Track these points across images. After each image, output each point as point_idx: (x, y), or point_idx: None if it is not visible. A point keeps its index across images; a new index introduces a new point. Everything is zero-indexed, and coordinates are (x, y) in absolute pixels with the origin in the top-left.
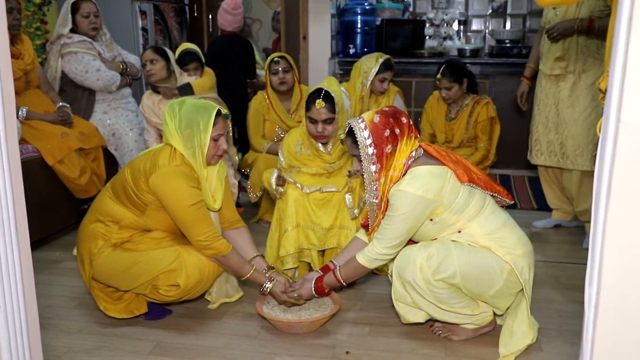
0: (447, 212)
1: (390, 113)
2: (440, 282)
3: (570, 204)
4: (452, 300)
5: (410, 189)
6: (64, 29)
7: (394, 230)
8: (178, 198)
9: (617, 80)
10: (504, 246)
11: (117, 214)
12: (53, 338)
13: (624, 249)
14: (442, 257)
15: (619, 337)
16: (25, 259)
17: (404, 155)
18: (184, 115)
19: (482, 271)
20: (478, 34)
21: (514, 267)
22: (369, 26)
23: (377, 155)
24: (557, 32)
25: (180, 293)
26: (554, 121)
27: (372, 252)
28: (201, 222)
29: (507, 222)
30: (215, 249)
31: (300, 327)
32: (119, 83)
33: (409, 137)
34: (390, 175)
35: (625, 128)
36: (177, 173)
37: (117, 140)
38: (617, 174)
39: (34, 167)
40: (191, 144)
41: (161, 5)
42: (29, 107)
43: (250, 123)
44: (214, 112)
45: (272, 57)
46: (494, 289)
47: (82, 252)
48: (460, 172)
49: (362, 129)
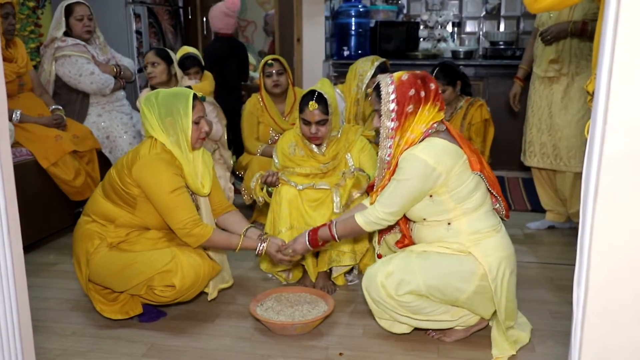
0: (448, 195)
1: (421, 75)
2: (407, 296)
3: (563, 206)
4: (425, 310)
5: (423, 155)
6: (57, 32)
7: (397, 195)
8: (158, 185)
9: (604, 83)
10: (484, 248)
11: (110, 213)
12: (47, 341)
13: (611, 250)
14: (402, 272)
15: (607, 337)
16: (18, 261)
17: (424, 120)
18: (163, 104)
19: (447, 280)
20: (472, 35)
21: (487, 271)
22: (363, 28)
23: (397, 112)
24: (550, 35)
25: (175, 294)
26: (547, 123)
27: (372, 214)
28: (180, 209)
29: (496, 226)
30: (196, 235)
31: (294, 328)
32: (112, 86)
33: (434, 104)
34: (406, 137)
35: (612, 130)
36: (157, 160)
37: (112, 143)
38: (605, 176)
39: (29, 170)
40: (174, 131)
41: (155, 8)
42: (23, 110)
43: (245, 125)
44: (190, 96)
45: (266, 59)
46: (464, 295)
47: (79, 253)
48: (474, 160)
49: (389, 84)
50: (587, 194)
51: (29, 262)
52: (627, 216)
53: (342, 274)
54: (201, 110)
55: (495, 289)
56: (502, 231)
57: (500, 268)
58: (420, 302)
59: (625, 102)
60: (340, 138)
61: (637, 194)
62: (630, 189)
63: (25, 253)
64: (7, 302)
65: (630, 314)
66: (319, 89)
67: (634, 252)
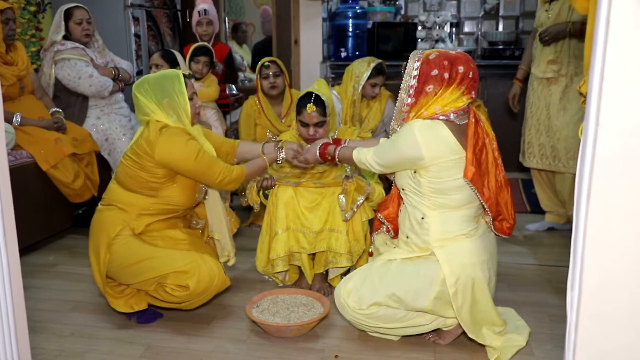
0: (427, 180)
1: (451, 57)
2: (372, 307)
3: (563, 207)
4: (396, 316)
5: (417, 131)
6: (57, 35)
7: (387, 152)
8: (184, 156)
9: (596, 85)
10: (448, 252)
11: (130, 200)
12: (45, 341)
13: (604, 252)
14: (359, 289)
15: (601, 340)
16: (14, 262)
17: (442, 102)
18: (157, 88)
19: (405, 291)
20: (470, 36)
21: (445, 276)
22: (360, 29)
23: (415, 89)
24: (549, 36)
25: (187, 295)
26: (545, 124)
27: (364, 155)
28: (212, 165)
29: (471, 231)
30: (235, 178)
31: (290, 330)
32: (111, 88)
33: (458, 88)
34: (420, 113)
35: (605, 132)
36: (173, 135)
37: (110, 145)
38: (597, 177)
39: (29, 172)
40: (174, 111)
41: (154, 11)
42: (23, 112)
43: (242, 127)
44: (180, 74)
45: (263, 61)
46: (424, 303)
47: (97, 241)
48: (470, 169)
49: (416, 60)
50: (580, 195)
51: (29, 264)
52: (620, 218)
53: (339, 276)
54: (192, 87)
55: (454, 294)
56: (477, 236)
57: (463, 274)
58: (387, 311)
59: (618, 104)
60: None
61: (630, 196)
62: (623, 190)
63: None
64: (3, 303)
65: (624, 316)
66: (316, 90)
67: (628, 254)
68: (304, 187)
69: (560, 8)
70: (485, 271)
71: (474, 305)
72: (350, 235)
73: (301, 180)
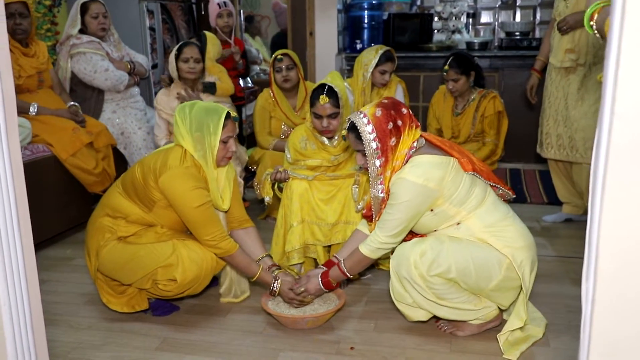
0: (448, 203)
1: (390, 105)
2: (436, 278)
3: (580, 198)
4: (451, 295)
5: (411, 177)
6: (73, 29)
7: (395, 219)
8: (186, 199)
9: (611, 73)
10: (503, 239)
11: (125, 209)
12: (63, 334)
13: (619, 242)
14: (435, 252)
15: (616, 330)
16: (29, 255)
17: (406, 145)
18: (195, 118)
19: (479, 265)
20: (487, 26)
21: (512, 261)
22: (375, 21)
23: (381, 149)
24: (567, 25)
25: (178, 287)
26: (563, 114)
27: (375, 241)
28: (209, 223)
29: (508, 215)
30: (222, 248)
31: (305, 322)
32: (126, 82)
33: (411, 127)
34: (393, 166)
35: (620, 120)
36: (185, 175)
37: (126, 139)
38: (612, 166)
39: (46, 166)
40: (201, 146)
41: (168, 4)
42: (41, 105)
43: (257, 120)
44: (223, 114)
45: (276, 54)
46: (492, 282)
47: (90, 246)
48: (465, 161)
49: (365, 123)
50: (595, 185)
51: (47, 257)
52: (636, 207)
53: None
54: (231, 130)
55: (522, 276)
56: (517, 219)
57: (524, 257)
58: (448, 287)
59: (633, 92)
60: None
61: None
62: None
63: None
64: (19, 296)
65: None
66: (329, 82)
67: None
68: (318, 180)
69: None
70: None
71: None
72: None
73: (315, 174)
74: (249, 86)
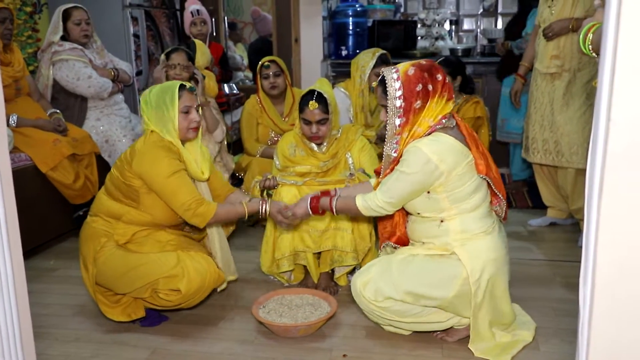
0: (445, 194)
1: (427, 67)
2: (389, 301)
3: (565, 202)
4: (412, 312)
5: (427, 150)
6: (55, 36)
7: (398, 188)
8: (156, 170)
9: (607, 79)
10: (471, 249)
11: (116, 211)
12: (49, 347)
13: (617, 247)
14: (377, 281)
15: (614, 336)
16: (18, 267)
17: (432, 114)
18: (153, 98)
19: (423, 288)
20: (470, 33)
21: (469, 275)
22: (360, 28)
23: (404, 108)
24: (552, 32)
25: (181, 298)
26: (549, 120)
27: (372, 201)
28: (182, 191)
29: (488, 228)
30: (201, 214)
31: (297, 330)
32: (110, 89)
33: (442, 96)
34: (413, 130)
35: (616, 126)
36: (154, 147)
37: (111, 147)
38: (609, 172)
39: (28, 175)
40: (163, 123)
41: (152, 11)
42: (20, 114)
43: (244, 127)
44: (176, 86)
45: (263, 61)
46: (442, 301)
47: (85, 254)
48: (481, 163)
49: (395, 79)
50: (591, 191)
51: (30, 268)
52: (632, 213)
53: (345, 275)
54: (189, 100)
55: (475, 292)
56: (495, 232)
57: (485, 271)
58: (402, 306)
59: (629, 98)
60: (340, 137)
61: None
62: (635, 185)
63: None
64: (8, 309)
65: (637, 311)
66: (318, 88)
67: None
68: (308, 185)
69: (564, 4)
70: (506, 266)
71: (493, 301)
72: (356, 234)
73: (305, 180)
74: (234, 92)
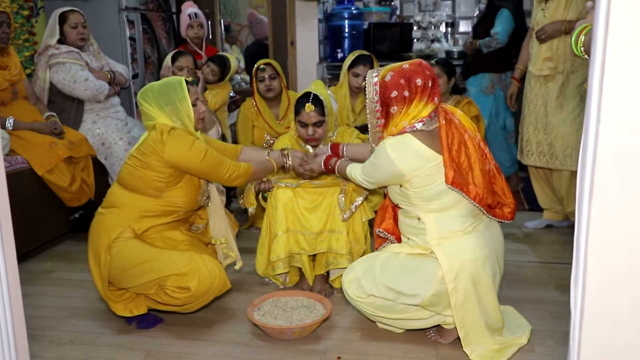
0: (413, 191)
1: (407, 73)
2: (372, 298)
3: (561, 204)
4: (396, 308)
5: (389, 149)
6: (51, 39)
7: (372, 171)
8: (192, 157)
9: (597, 82)
10: (449, 249)
11: (133, 201)
12: (43, 350)
13: (607, 250)
14: (360, 280)
15: (605, 338)
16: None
17: (408, 117)
18: (159, 95)
19: (401, 286)
20: (465, 35)
21: (444, 273)
22: (356, 30)
23: (381, 112)
24: (545, 35)
25: (189, 297)
26: (543, 122)
27: (355, 172)
28: (219, 165)
29: (469, 227)
30: (242, 175)
31: (292, 333)
32: (107, 92)
33: (421, 100)
34: (390, 131)
35: (606, 130)
36: (180, 136)
37: (107, 150)
38: (599, 176)
39: (24, 177)
40: (177, 116)
41: (149, 14)
42: (17, 117)
43: (239, 130)
44: (182, 81)
45: (259, 64)
46: (420, 299)
47: (98, 244)
48: (450, 174)
49: (373, 84)
50: (582, 194)
51: (25, 270)
52: (623, 216)
53: (340, 277)
54: (195, 93)
55: (452, 290)
56: (477, 232)
57: (463, 271)
58: (385, 302)
59: (619, 101)
60: (336, 139)
61: (633, 194)
62: (626, 188)
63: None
64: (2, 312)
65: (628, 314)
66: (314, 90)
67: (631, 252)
68: (303, 188)
69: (556, 7)
70: (489, 267)
71: (479, 303)
72: (351, 236)
73: (299, 182)
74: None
